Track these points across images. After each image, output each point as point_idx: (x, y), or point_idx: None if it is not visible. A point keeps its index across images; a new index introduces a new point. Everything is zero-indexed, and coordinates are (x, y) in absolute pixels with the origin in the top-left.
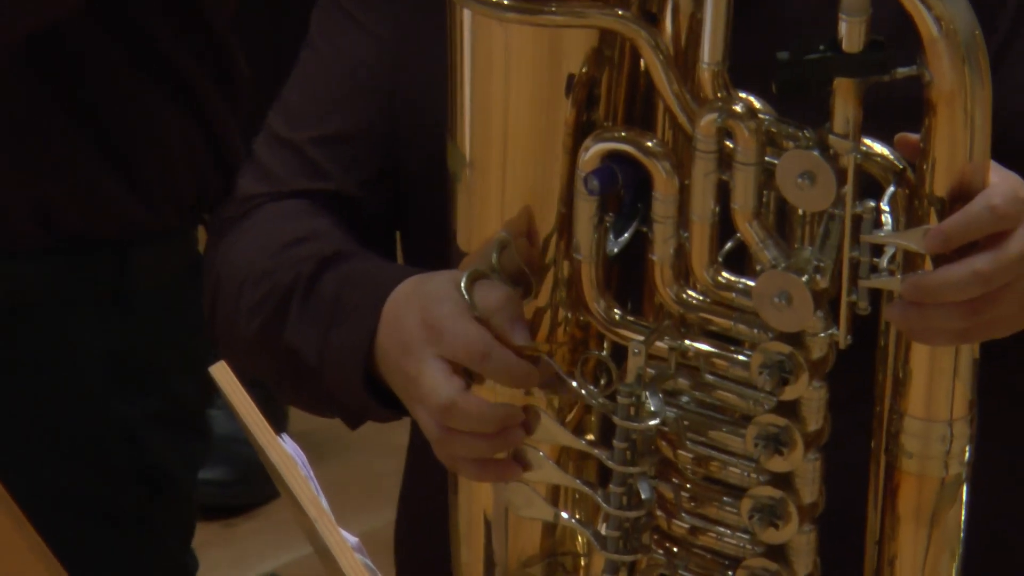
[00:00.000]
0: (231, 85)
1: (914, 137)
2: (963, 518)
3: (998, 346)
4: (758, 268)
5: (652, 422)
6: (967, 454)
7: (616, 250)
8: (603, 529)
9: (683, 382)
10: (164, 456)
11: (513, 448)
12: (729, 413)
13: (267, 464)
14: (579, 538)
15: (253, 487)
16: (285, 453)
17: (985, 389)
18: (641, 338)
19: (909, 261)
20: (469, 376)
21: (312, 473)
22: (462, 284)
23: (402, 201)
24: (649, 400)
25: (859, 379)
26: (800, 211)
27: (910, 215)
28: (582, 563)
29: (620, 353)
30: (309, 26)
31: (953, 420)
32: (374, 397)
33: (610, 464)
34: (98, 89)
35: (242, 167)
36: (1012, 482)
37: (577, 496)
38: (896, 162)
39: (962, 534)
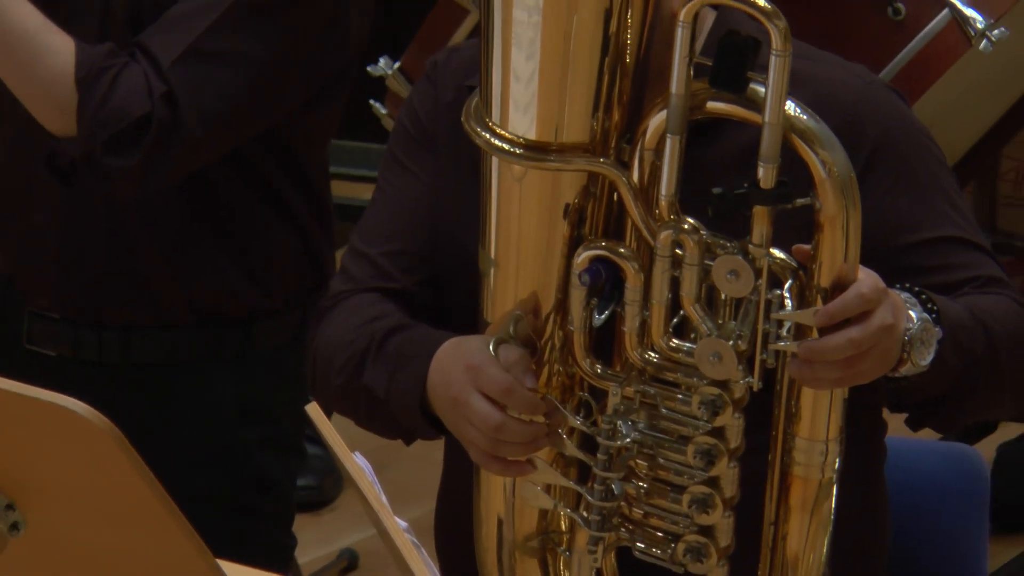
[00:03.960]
0: (321, 211)
1: (806, 247)
2: (833, 508)
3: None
4: (692, 335)
5: (623, 441)
6: (837, 464)
7: (598, 324)
8: (586, 514)
9: (643, 414)
10: (272, 469)
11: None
12: (674, 435)
13: (344, 472)
14: (563, 520)
15: (333, 487)
16: (357, 465)
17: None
18: (617, 384)
19: (800, 331)
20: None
21: (376, 478)
22: (490, 346)
23: (443, 296)
24: (621, 426)
25: (750, 417)
26: (723, 296)
27: (801, 300)
28: (565, 538)
29: (591, 393)
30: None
31: (828, 440)
32: (425, 420)
33: (596, 470)
34: (233, 216)
35: (334, 276)
36: (860, 481)
37: (563, 492)
38: (791, 263)
39: (832, 518)
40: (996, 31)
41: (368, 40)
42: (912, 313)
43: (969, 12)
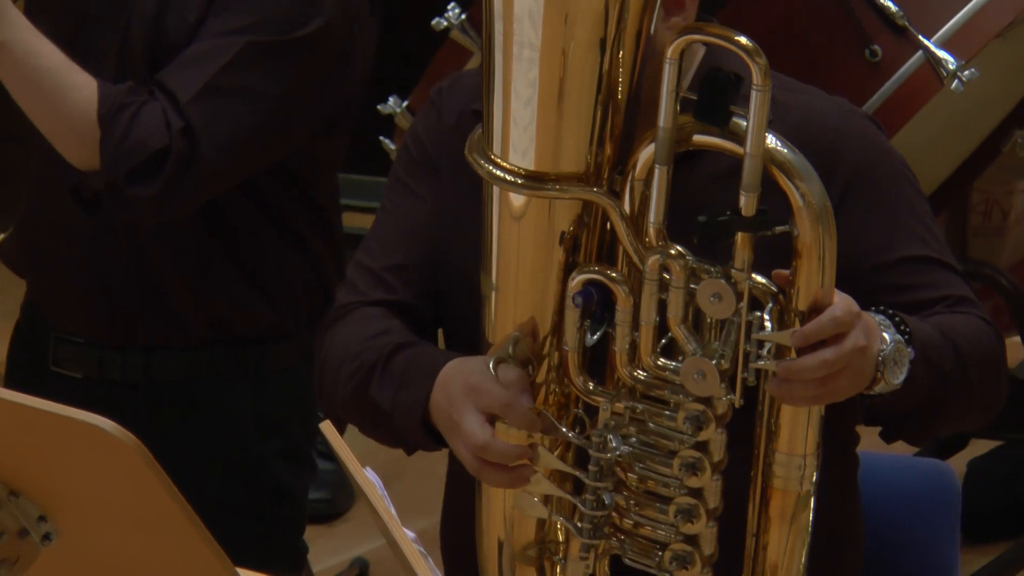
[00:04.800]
0: (331, 237)
1: (785, 272)
2: (811, 519)
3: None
4: (680, 357)
5: (613, 453)
6: (814, 477)
7: (591, 344)
8: (579, 523)
9: (632, 428)
10: (285, 479)
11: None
12: (661, 448)
13: (355, 485)
14: (559, 530)
15: (345, 500)
16: (368, 479)
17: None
18: (608, 400)
19: (779, 352)
20: (493, 425)
21: (385, 491)
22: (490, 365)
23: (443, 309)
24: (611, 439)
25: (733, 433)
26: (707, 318)
27: (780, 322)
28: (561, 547)
29: (586, 410)
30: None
31: (806, 454)
32: (427, 435)
33: (587, 481)
34: (246, 241)
35: (338, 287)
36: (837, 493)
37: (558, 503)
38: (771, 287)
39: (810, 529)
40: (967, 72)
41: (372, 74)
42: (886, 335)
43: (941, 54)
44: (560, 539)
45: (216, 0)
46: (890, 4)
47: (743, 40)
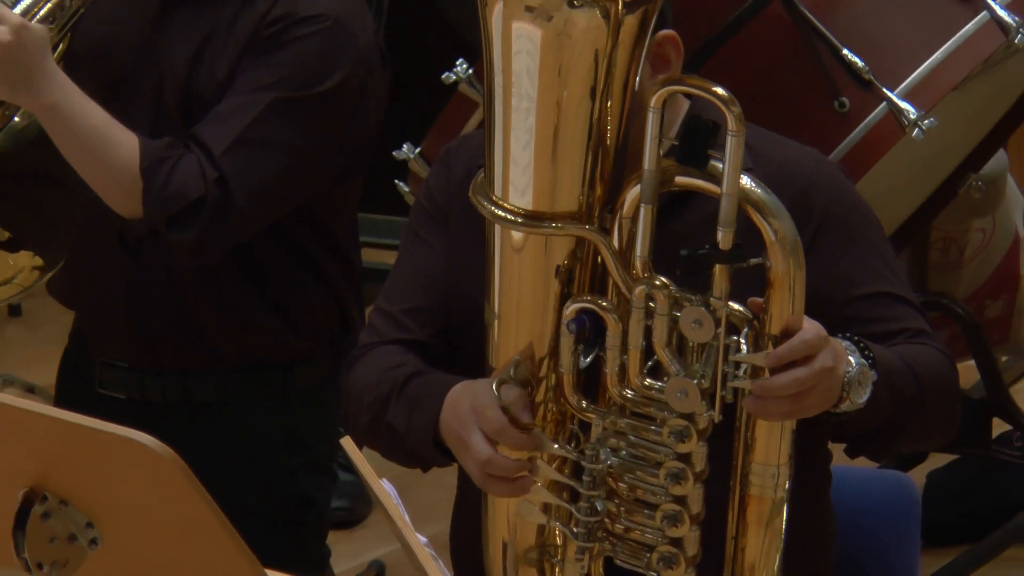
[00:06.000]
0: (349, 271)
1: (759, 300)
2: (784, 523)
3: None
4: (665, 378)
5: (605, 464)
6: (787, 484)
7: (584, 367)
8: (575, 528)
9: (622, 442)
10: (309, 489)
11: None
12: (648, 460)
13: (373, 495)
14: (558, 534)
15: (364, 508)
16: (384, 489)
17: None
18: (599, 417)
19: (754, 372)
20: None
21: (400, 500)
22: (493, 386)
23: (455, 346)
24: (603, 452)
25: (714, 446)
26: (691, 342)
27: (755, 345)
28: (559, 550)
29: (581, 426)
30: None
31: (780, 464)
32: (438, 451)
33: (581, 490)
34: (273, 276)
35: (361, 331)
36: (812, 507)
37: (556, 510)
38: (747, 314)
39: (783, 533)
40: (927, 121)
41: (387, 124)
42: (851, 358)
43: (904, 105)
44: (558, 543)
45: (244, 59)
46: (857, 60)
47: (719, 90)
